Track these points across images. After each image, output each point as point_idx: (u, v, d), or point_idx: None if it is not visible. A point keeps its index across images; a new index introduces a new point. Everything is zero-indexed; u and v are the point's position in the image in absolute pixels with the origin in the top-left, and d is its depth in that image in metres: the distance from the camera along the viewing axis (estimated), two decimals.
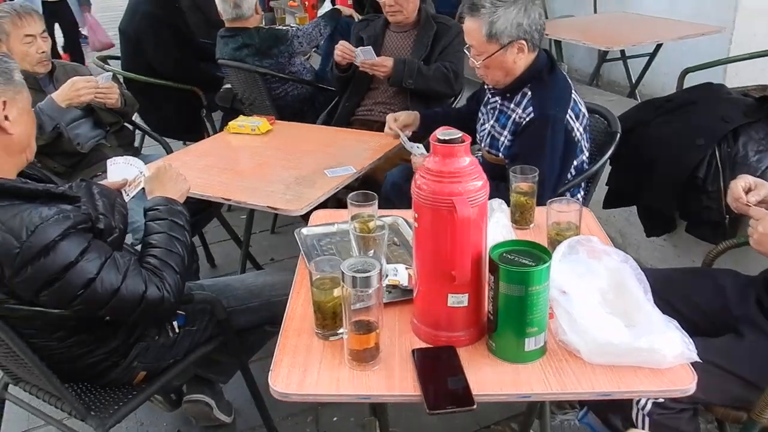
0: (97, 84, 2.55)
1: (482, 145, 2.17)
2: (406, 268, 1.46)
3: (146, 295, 1.47)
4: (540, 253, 1.18)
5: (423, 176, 1.19)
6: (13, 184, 1.39)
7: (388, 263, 1.46)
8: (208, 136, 4.00)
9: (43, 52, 2.56)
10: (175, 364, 1.74)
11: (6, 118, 1.40)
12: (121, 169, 1.89)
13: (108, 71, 2.66)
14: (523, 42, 1.93)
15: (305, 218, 1.89)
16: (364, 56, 2.77)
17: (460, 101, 3.02)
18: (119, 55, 3.96)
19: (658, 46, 3.75)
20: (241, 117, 2.74)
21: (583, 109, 2.01)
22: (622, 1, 4.73)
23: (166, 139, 3.17)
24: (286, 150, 2.47)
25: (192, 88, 3.75)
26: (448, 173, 1.16)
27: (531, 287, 1.14)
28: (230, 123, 2.69)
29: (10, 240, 1.32)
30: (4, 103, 1.40)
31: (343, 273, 1.15)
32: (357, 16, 3.71)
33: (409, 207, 1.56)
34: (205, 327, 1.79)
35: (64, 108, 2.49)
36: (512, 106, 2.02)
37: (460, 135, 1.18)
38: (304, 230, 1.70)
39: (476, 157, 2.24)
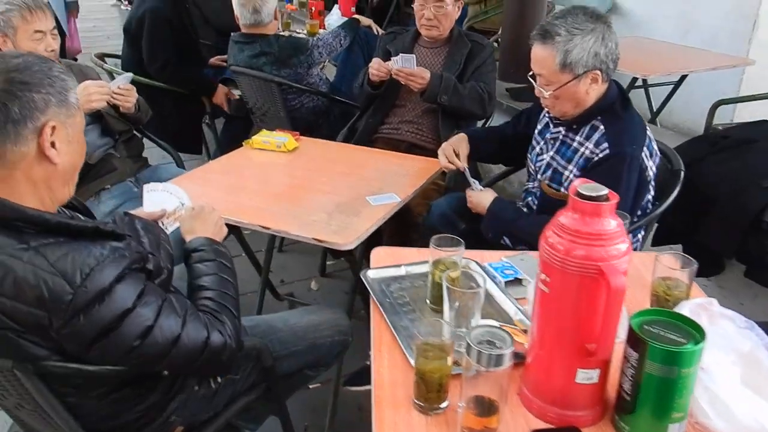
0: (109, 89, 2.34)
1: (539, 176, 2.03)
2: (500, 326, 1.30)
3: (209, 341, 1.29)
4: (686, 327, 1.04)
5: (558, 234, 1.04)
6: (60, 220, 1.18)
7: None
8: (206, 146, 3.80)
9: (52, 51, 2.33)
10: (215, 416, 1.55)
11: (53, 145, 1.20)
12: (160, 198, 1.68)
13: (127, 72, 2.45)
14: (598, 72, 1.80)
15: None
16: (403, 64, 2.60)
17: (490, 124, 2.89)
18: (119, 53, 3.72)
19: (683, 76, 3.67)
20: (264, 132, 2.55)
21: (656, 147, 1.89)
22: (633, 26, 4.67)
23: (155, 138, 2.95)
24: (318, 170, 2.29)
25: (186, 93, 3.54)
26: (593, 235, 1.01)
27: (684, 369, 0.99)
28: (253, 138, 2.49)
29: (61, 285, 1.11)
30: (53, 128, 1.19)
31: (469, 345, 0.99)
32: (376, 27, 3.55)
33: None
34: (248, 375, 1.60)
35: None
36: (580, 138, 1.89)
37: (605, 192, 1.03)
38: (371, 273, 1.53)
39: (531, 188, 2.12)
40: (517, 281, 1.52)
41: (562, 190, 1.93)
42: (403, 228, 2.42)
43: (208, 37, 4.11)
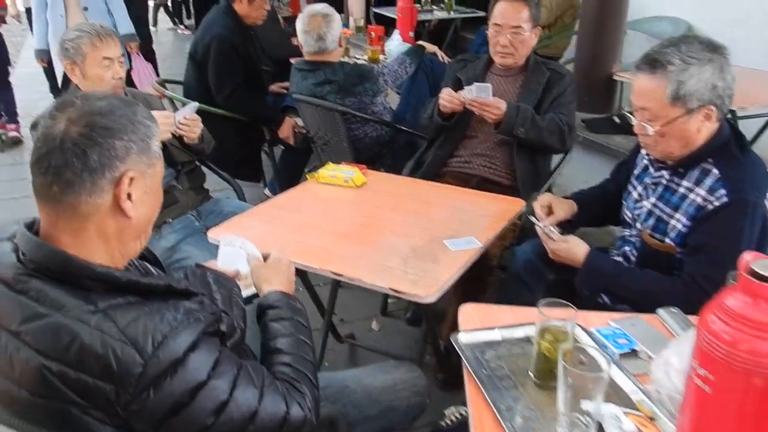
0: (175, 120, 2.24)
1: (639, 224, 1.82)
2: (625, 413, 1.11)
3: (289, 416, 1.14)
4: None
5: (722, 320, 0.85)
6: (130, 278, 1.05)
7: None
8: (263, 175, 3.70)
9: (119, 78, 2.26)
10: None
11: (129, 197, 1.08)
12: (234, 255, 1.53)
13: (192, 102, 2.36)
14: (713, 108, 1.60)
15: None
16: (478, 93, 2.44)
17: (569, 160, 2.70)
18: (180, 79, 3.67)
19: None
20: (330, 165, 2.41)
21: None
22: None
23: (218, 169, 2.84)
24: (388, 209, 2.13)
25: (248, 121, 3.45)
26: None
27: None
28: (319, 171, 2.36)
29: (131, 355, 0.98)
30: (132, 179, 1.07)
31: None
32: (441, 54, 3.41)
33: (548, 293, 1.32)
34: None
35: None
36: (688, 184, 1.68)
37: None
38: (462, 338, 1.36)
39: (628, 237, 1.92)
40: (633, 353, 1.32)
41: (667, 240, 1.72)
42: (476, 272, 2.24)
43: (267, 63, 4.04)
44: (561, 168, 2.65)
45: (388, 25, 5.17)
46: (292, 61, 3.97)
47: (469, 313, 1.49)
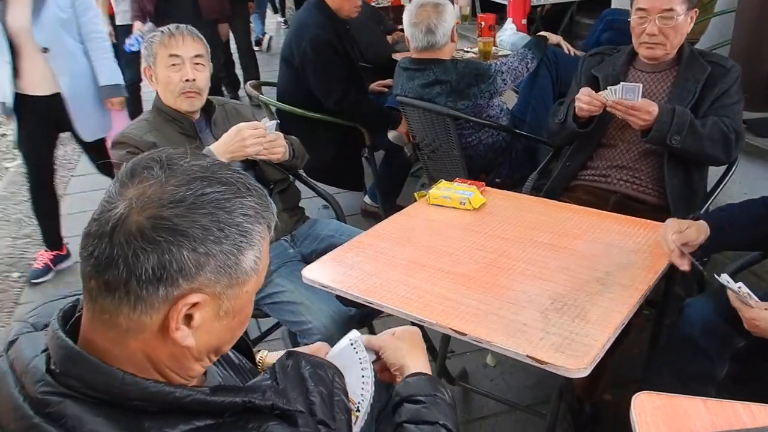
0: (265, 132, 1.97)
1: None
2: None
3: None
4: None
5: None
6: (195, 397, 0.75)
7: None
8: (363, 184, 3.40)
9: (189, 81, 1.99)
10: None
11: (189, 321, 0.77)
12: (349, 360, 1.09)
13: (275, 119, 2.07)
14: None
15: None
16: (625, 95, 2.01)
17: (734, 170, 2.21)
18: (273, 81, 3.44)
19: None
20: (443, 183, 2.07)
21: None
22: None
23: (320, 184, 2.55)
24: (516, 241, 1.76)
25: (356, 126, 3.16)
26: None
27: None
28: (430, 191, 2.02)
29: None
30: (196, 303, 0.77)
31: None
32: (566, 45, 2.97)
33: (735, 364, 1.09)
34: None
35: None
36: None
37: None
38: None
39: None
40: None
41: None
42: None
43: (364, 61, 3.75)
44: (725, 183, 2.17)
45: (497, 11, 4.72)
46: (397, 57, 3.69)
47: (645, 406, 1.10)
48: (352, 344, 1.10)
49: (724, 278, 1.46)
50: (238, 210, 0.77)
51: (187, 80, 1.99)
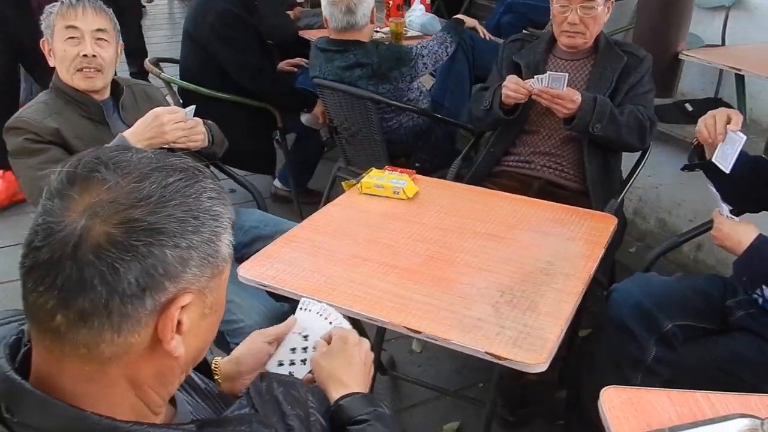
0: (184, 116, 1.82)
1: None
2: None
3: None
4: None
5: None
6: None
7: None
8: (274, 167, 3.26)
9: (87, 56, 1.79)
10: None
11: (178, 328, 0.68)
12: (310, 322, 1.13)
13: (190, 106, 1.91)
14: None
15: None
16: (551, 83, 2.03)
17: (647, 157, 2.31)
18: (175, 58, 3.20)
19: None
20: (375, 171, 2.01)
21: None
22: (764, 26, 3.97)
23: (233, 170, 2.41)
24: (455, 231, 1.74)
25: (266, 106, 3.01)
26: None
27: None
28: (362, 180, 1.95)
29: None
30: (182, 308, 0.67)
31: None
32: (481, 29, 2.97)
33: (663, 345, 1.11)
34: None
35: None
36: None
37: None
38: None
39: None
40: None
41: None
42: None
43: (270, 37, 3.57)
44: (639, 169, 2.27)
45: None
46: (304, 35, 3.55)
47: (613, 401, 1.11)
48: (303, 311, 1.14)
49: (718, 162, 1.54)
50: (203, 195, 0.69)
51: (85, 55, 1.79)
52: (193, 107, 1.88)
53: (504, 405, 2.07)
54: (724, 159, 1.53)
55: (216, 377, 1.04)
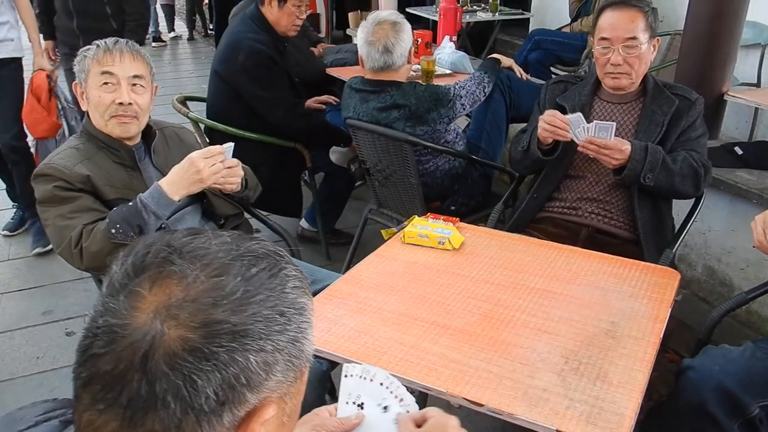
0: (223, 162, 1.73)
1: None
2: None
3: None
4: None
5: None
6: None
7: None
8: (301, 209, 3.17)
9: (121, 104, 1.73)
10: None
11: None
12: (358, 389, 1.04)
13: (228, 143, 1.82)
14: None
15: None
16: (598, 133, 1.93)
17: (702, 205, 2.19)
18: (201, 95, 3.15)
19: None
20: (417, 219, 1.91)
21: None
22: None
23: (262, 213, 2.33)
24: (508, 287, 1.63)
25: (295, 146, 2.94)
26: None
27: None
28: (405, 230, 1.85)
29: None
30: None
31: None
32: (518, 69, 2.89)
33: None
34: None
35: (177, 201, 1.67)
36: None
37: None
38: None
39: None
40: None
41: None
42: None
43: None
44: (695, 217, 2.15)
45: (424, 28, 4.64)
46: (332, 73, 3.50)
47: None
48: (349, 377, 1.03)
49: None
50: (288, 285, 0.61)
51: (121, 103, 1.72)
52: (231, 145, 1.80)
53: None
54: None
55: None
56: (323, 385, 1.69)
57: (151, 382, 0.51)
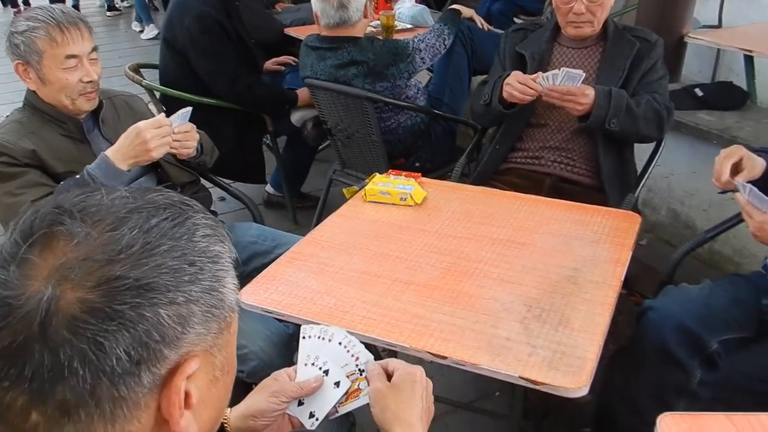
0: (172, 130, 1.67)
1: None
2: None
3: None
4: None
5: None
6: None
7: None
8: (265, 174, 3.11)
9: (89, 81, 1.68)
10: None
11: (186, 400, 0.55)
12: (316, 348, 1.03)
13: (185, 108, 1.77)
14: None
15: None
16: (564, 81, 1.90)
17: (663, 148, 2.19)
18: (155, 63, 3.05)
19: None
20: (378, 176, 1.88)
21: None
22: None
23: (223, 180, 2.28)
24: (470, 239, 1.62)
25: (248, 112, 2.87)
26: None
27: None
28: (367, 187, 1.82)
29: None
30: (188, 377, 0.55)
31: None
32: (479, 19, 2.84)
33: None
34: None
35: (126, 171, 1.61)
36: None
37: None
38: None
39: None
40: None
41: None
42: None
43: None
44: (656, 160, 2.16)
45: None
46: (290, 32, 3.41)
47: (672, 430, 1.00)
48: (308, 338, 1.03)
49: (740, 184, 1.44)
50: (197, 233, 0.57)
51: (90, 81, 1.67)
52: (189, 109, 1.75)
53: (526, 417, 1.95)
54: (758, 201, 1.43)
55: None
56: (290, 348, 1.67)
57: (54, 351, 0.48)
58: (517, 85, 1.95)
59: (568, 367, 1.19)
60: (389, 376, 0.97)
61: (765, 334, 1.50)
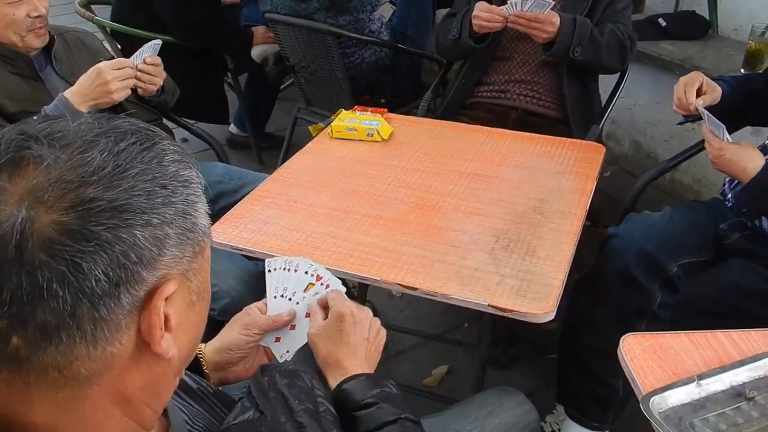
0: (133, 71, 1.63)
1: None
2: None
3: None
4: None
5: None
6: None
7: None
8: (228, 113, 3.04)
9: (38, 16, 1.60)
10: None
11: (166, 323, 0.55)
12: (282, 280, 1.05)
13: (155, 40, 1.72)
14: None
15: None
16: (533, 8, 1.88)
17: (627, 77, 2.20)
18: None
19: None
20: (344, 112, 1.86)
21: None
22: None
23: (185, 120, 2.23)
24: (438, 173, 1.63)
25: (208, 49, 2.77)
26: None
27: None
28: (333, 123, 1.80)
29: None
30: (167, 299, 0.55)
31: None
32: None
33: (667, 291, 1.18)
34: None
35: (86, 114, 1.56)
36: None
37: None
38: (658, 402, 0.92)
39: None
40: None
41: None
42: None
43: None
44: (620, 91, 2.17)
45: None
46: None
47: (635, 351, 1.04)
48: (273, 270, 1.05)
49: (700, 105, 1.48)
50: (165, 158, 0.56)
51: (38, 16, 1.59)
52: (159, 42, 1.71)
53: (494, 346, 2.01)
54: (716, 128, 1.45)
55: (203, 368, 0.93)
56: (260, 286, 1.68)
57: (32, 273, 0.48)
58: (483, 14, 1.93)
59: (535, 294, 1.22)
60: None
61: (722, 258, 1.56)
